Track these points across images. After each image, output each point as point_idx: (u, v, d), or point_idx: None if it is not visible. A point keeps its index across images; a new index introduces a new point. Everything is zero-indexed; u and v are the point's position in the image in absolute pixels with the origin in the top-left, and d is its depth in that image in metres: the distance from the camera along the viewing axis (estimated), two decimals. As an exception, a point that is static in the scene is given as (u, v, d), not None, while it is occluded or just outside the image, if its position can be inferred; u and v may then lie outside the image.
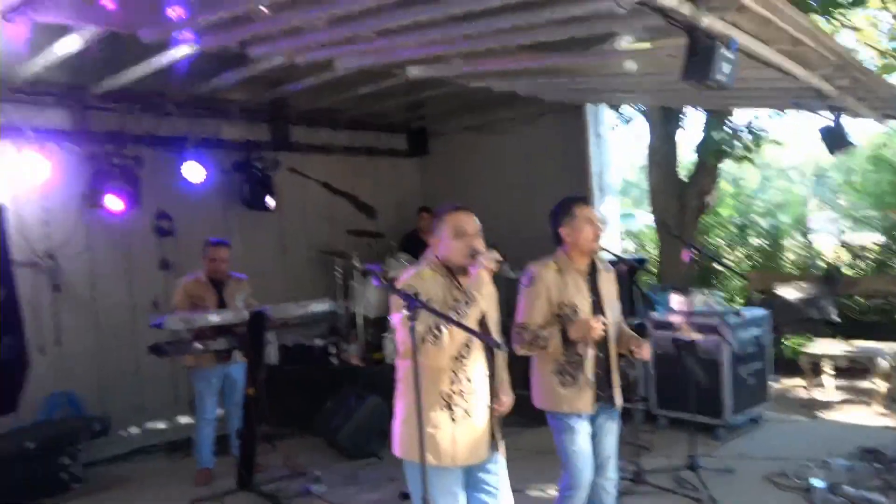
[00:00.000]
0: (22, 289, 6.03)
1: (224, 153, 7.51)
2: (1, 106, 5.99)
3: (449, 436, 2.82)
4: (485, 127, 8.73)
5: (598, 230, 3.49)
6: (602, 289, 3.53)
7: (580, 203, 3.56)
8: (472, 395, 2.86)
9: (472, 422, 2.85)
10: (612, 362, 3.52)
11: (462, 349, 2.83)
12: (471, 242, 2.89)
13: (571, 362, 3.40)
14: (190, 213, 7.16)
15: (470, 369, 2.86)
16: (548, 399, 3.49)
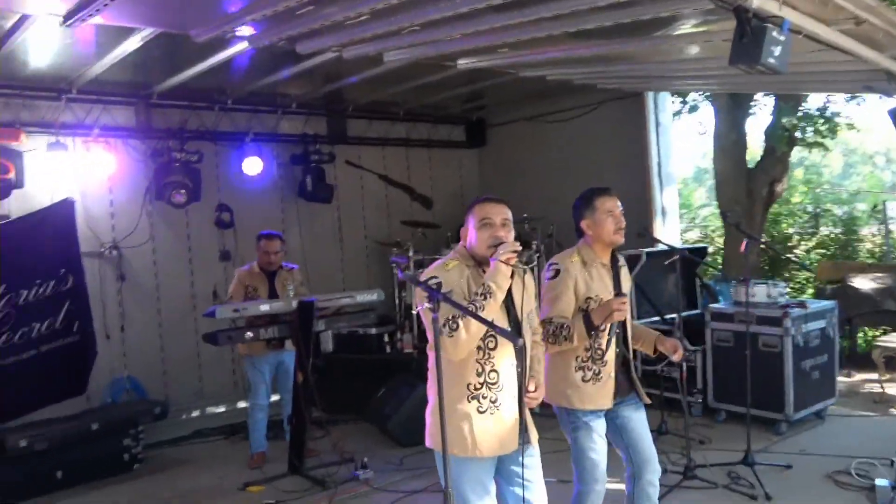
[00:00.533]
0: (89, 278, 6.34)
1: (282, 147, 7.68)
2: (70, 105, 6.31)
3: (476, 428, 2.78)
4: (543, 117, 8.63)
5: (620, 222, 3.37)
6: (623, 282, 3.43)
7: (602, 194, 3.44)
8: (500, 387, 2.79)
9: (501, 414, 2.80)
10: (632, 355, 3.44)
11: (488, 341, 2.77)
12: (496, 233, 2.79)
13: (593, 357, 3.31)
14: (249, 206, 7.36)
15: (497, 361, 2.78)
16: (566, 395, 3.33)
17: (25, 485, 5.26)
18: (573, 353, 3.29)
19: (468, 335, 2.64)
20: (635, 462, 3.45)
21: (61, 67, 5.77)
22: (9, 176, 5.70)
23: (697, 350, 6.22)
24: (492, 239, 2.78)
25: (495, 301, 2.66)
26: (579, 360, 3.29)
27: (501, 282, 2.67)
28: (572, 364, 3.30)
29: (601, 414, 3.34)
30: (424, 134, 8.97)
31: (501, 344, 2.77)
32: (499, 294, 2.67)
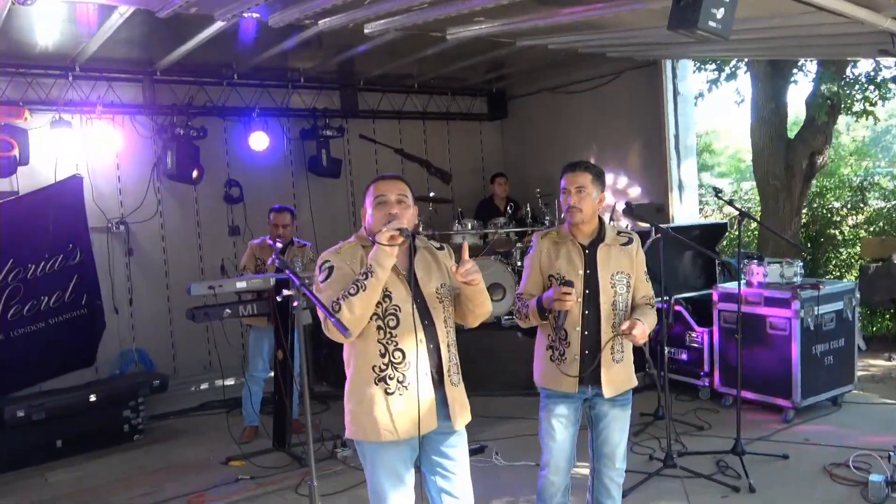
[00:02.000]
0: (97, 253, 6.50)
1: (292, 121, 7.67)
2: (76, 82, 6.43)
3: (385, 410, 2.68)
4: (565, 87, 8.37)
5: (572, 200, 3.15)
6: (601, 263, 3.19)
7: (565, 171, 3.24)
8: (407, 365, 2.67)
9: (411, 394, 2.67)
10: (603, 342, 3.16)
11: (388, 319, 2.67)
12: (390, 210, 2.70)
13: (560, 338, 3.17)
14: (259, 181, 7.39)
15: (402, 339, 2.67)
16: (539, 374, 3.28)
17: (25, 453, 5.46)
18: (545, 331, 3.23)
19: (353, 316, 2.57)
20: (596, 458, 3.31)
21: (63, 45, 5.87)
22: (13, 153, 5.84)
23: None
24: (386, 217, 2.68)
25: (377, 280, 2.57)
26: (549, 339, 3.21)
27: (383, 260, 2.58)
28: (545, 342, 3.24)
29: (568, 399, 3.19)
30: (443, 106, 8.80)
31: (404, 321, 2.66)
32: (380, 273, 2.57)
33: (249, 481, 4.84)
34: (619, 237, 3.28)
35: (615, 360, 3.17)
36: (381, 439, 2.69)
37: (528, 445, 5.18)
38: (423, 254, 2.83)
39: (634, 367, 3.33)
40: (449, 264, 2.86)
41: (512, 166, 9.13)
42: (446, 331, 2.78)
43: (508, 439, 5.39)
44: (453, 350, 2.81)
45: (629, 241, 3.28)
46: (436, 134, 8.80)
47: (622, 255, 3.22)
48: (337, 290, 2.61)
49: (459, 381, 2.84)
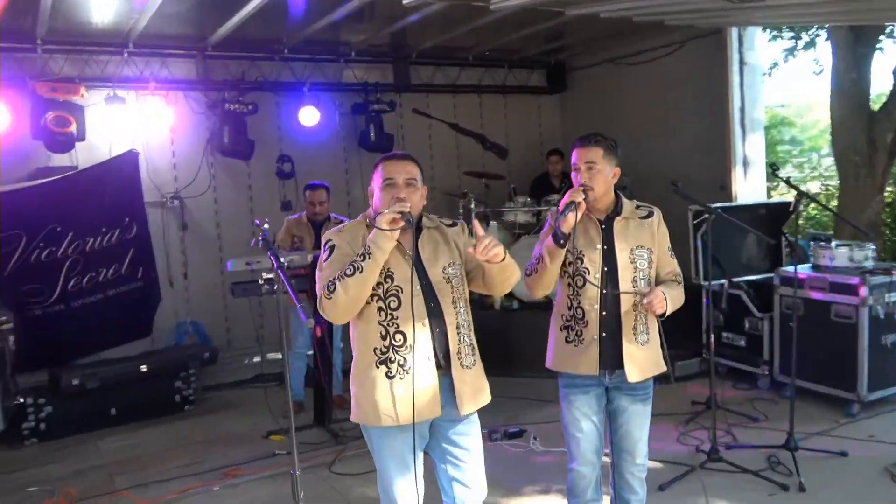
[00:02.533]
0: (153, 227, 6.65)
1: (344, 96, 7.61)
2: (130, 59, 6.54)
3: (386, 394, 2.59)
4: (625, 59, 8.02)
5: (583, 178, 2.96)
6: (619, 237, 3.00)
7: (575, 146, 3.06)
8: (408, 348, 2.58)
9: (413, 378, 2.57)
10: (623, 321, 2.98)
11: (389, 301, 2.58)
12: (398, 194, 2.58)
13: (576, 317, 2.99)
14: (310, 156, 7.38)
15: (403, 322, 2.58)
16: (554, 357, 3.11)
17: (81, 419, 5.67)
18: (559, 311, 3.06)
19: (347, 297, 2.49)
20: (616, 453, 3.14)
21: (116, 22, 5.96)
22: (70, 129, 5.99)
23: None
24: (393, 200, 2.56)
25: (374, 263, 2.49)
26: (564, 319, 3.03)
27: (382, 243, 2.49)
28: (559, 323, 3.06)
29: (589, 386, 3.01)
30: (499, 80, 8.58)
31: (406, 303, 2.57)
32: (378, 255, 2.49)
33: (285, 456, 4.87)
34: (638, 210, 3.08)
35: (639, 342, 2.97)
36: (381, 424, 2.61)
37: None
38: (430, 233, 2.72)
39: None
40: (461, 241, 2.74)
41: (571, 141, 8.83)
42: (455, 312, 2.66)
43: (549, 424, 5.22)
44: (465, 331, 2.68)
45: (649, 215, 3.08)
46: (492, 108, 8.60)
47: (642, 228, 3.03)
48: (335, 269, 2.54)
49: (474, 363, 2.72)
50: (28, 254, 6.14)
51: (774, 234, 6.57)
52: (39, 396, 5.58)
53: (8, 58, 6.10)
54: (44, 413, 5.55)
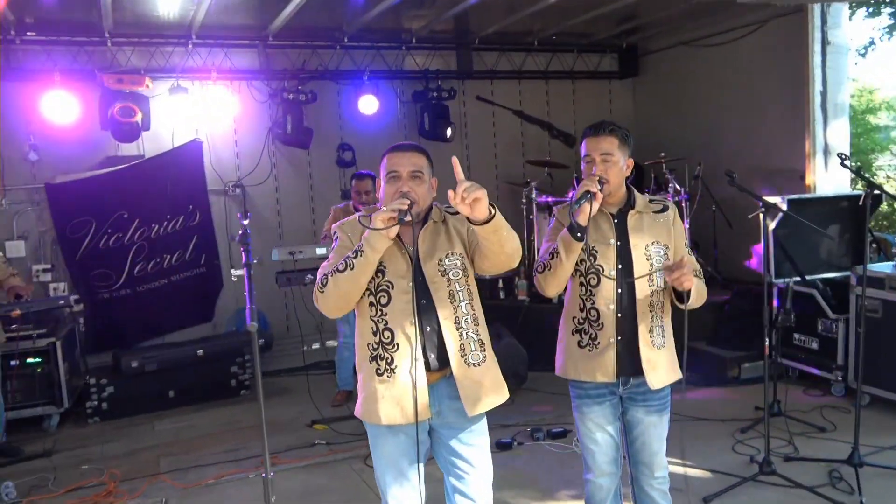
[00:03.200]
0: (215, 215, 6.80)
1: (406, 84, 7.54)
2: (194, 50, 6.68)
3: (373, 391, 2.49)
4: (702, 40, 7.59)
5: (598, 170, 2.72)
6: (633, 232, 2.78)
7: (586, 136, 2.83)
8: (395, 346, 2.47)
9: (398, 378, 2.46)
10: (640, 323, 2.75)
11: (380, 296, 2.48)
12: (402, 187, 2.45)
13: (590, 319, 2.78)
14: (371, 145, 7.32)
15: (391, 318, 2.47)
16: (566, 363, 2.86)
17: (140, 400, 5.86)
18: (570, 314, 2.83)
19: (337, 293, 2.42)
20: (633, 465, 2.93)
21: (180, 13, 6.08)
22: (135, 119, 6.18)
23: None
24: (397, 194, 2.44)
25: (366, 261, 2.39)
26: (576, 322, 2.81)
27: (375, 242, 2.37)
28: (570, 326, 2.83)
29: (603, 395, 2.81)
30: (567, 65, 8.30)
31: (396, 299, 2.47)
32: (370, 254, 2.38)
33: (324, 446, 4.89)
34: (652, 204, 2.86)
35: (655, 345, 2.75)
36: (371, 421, 2.53)
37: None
38: (434, 227, 2.57)
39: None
40: (464, 228, 2.57)
41: (644, 128, 8.49)
42: (454, 306, 2.51)
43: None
44: (469, 325, 2.52)
45: (664, 209, 2.85)
46: (559, 94, 8.34)
47: (657, 223, 2.81)
48: (334, 263, 2.47)
49: (484, 359, 2.54)
50: (97, 240, 6.41)
51: (858, 229, 6.10)
52: (102, 377, 5.81)
53: (80, 51, 6.36)
54: (106, 393, 5.78)
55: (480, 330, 2.57)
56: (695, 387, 5.94)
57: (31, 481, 4.53)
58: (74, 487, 4.40)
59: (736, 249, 7.08)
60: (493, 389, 2.56)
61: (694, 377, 6.12)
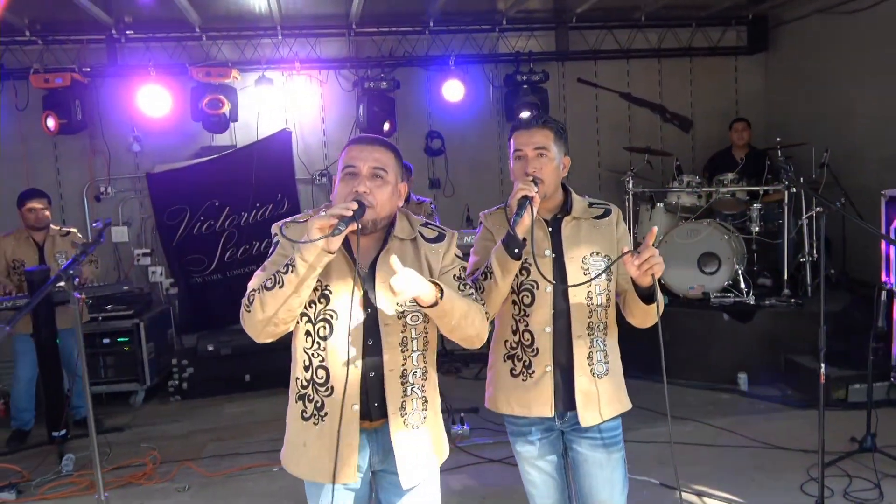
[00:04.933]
0: (302, 204, 6.91)
1: (500, 68, 7.21)
2: (283, 40, 6.79)
3: (297, 436, 2.13)
4: (839, 7, 6.57)
5: (530, 168, 2.28)
6: (569, 242, 2.35)
7: (519, 128, 2.40)
8: (328, 391, 2.06)
9: (326, 426, 2.06)
10: (575, 348, 2.31)
11: (319, 327, 2.06)
12: (357, 186, 2.01)
13: (524, 344, 2.35)
14: (461, 132, 7.15)
15: (329, 357, 2.06)
16: (496, 395, 2.44)
17: (217, 382, 6.09)
18: (502, 337, 2.42)
19: (263, 315, 2.00)
20: None
21: (267, 5, 6.20)
22: (222, 111, 6.38)
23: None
24: (351, 195, 2.01)
25: (297, 277, 1.93)
26: (507, 346, 2.41)
27: (307, 255, 1.90)
28: (501, 352, 2.43)
29: (541, 431, 2.39)
30: (683, 40, 7.53)
31: (338, 333, 2.03)
32: (301, 269, 1.91)
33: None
34: (592, 209, 2.43)
35: (595, 374, 2.34)
36: (295, 472, 2.16)
37: (695, 456, 4.32)
38: (401, 247, 2.12)
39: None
40: (439, 262, 2.15)
41: (777, 111, 7.56)
42: (404, 356, 2.09)
43: (653, 444, 4.50)
44: (416, 381, 2.12)
45: (605, 213, 2.43)
46: (674, 73, 7.60)
47: (596, 231, 2.39)
48: (268, 274, 2.04)
49: (425, 419, 2.15)
50: (191, 227, 6.73)
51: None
52: (184, 358, 6.09)
53: (176, 47, 6.67)
54: (186, 374, 6.06)
55: (428, 386, 2.17)
56: (789, 407, 5.20)
57: (91, 455, 4.82)
58: (119, 466, 4.61)
59: (872, 248, 6.09)
60: (429, 455, 2.18)
61: (793, 396, 5.37)
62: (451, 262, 2.20)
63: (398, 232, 2.13)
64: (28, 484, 4.38)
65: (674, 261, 6.10)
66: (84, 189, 6.68)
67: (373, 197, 2.02)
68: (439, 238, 2.20)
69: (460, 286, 2.24)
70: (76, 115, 6.22)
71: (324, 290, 2.05)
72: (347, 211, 1.89)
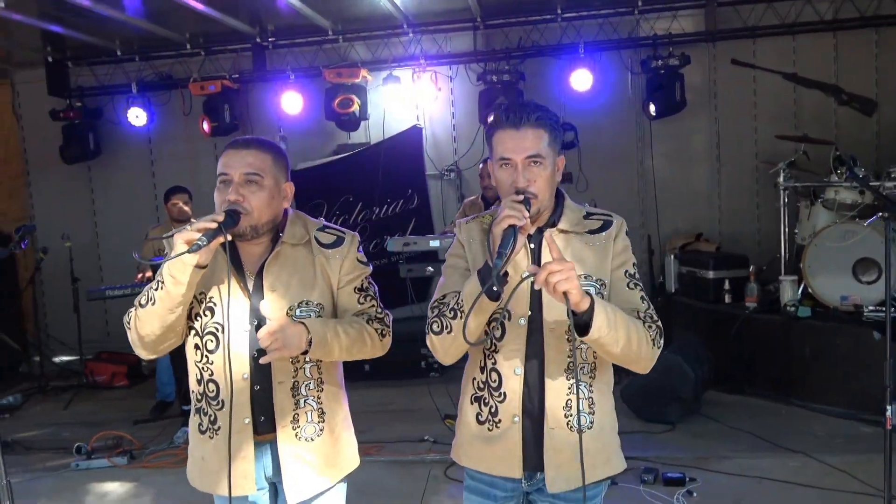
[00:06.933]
0: (431, 199, 6.99)
1: (641, 52, 6.68)
2: (413, 38, 6.88)
3: (197, 452, 2.12)
4: None
5: (521, 181, 1.86)
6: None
7: (501, 125, 1.91)
8: (219, 404, 2.03)
9: (219, 441, 2.03)
10: (548, 393, 1.92)
11: (206, 339, 2.03)
12: (229, 196, 1.96)
13: (490, 386, 1.97)
14: (596, 124, 6.78)
15: (217, 371, 2.02)
16: (458, 443, 2.09)
17: (343, 369, 6.36)
18: (470, 374, 2.05)
19: (137, 332, 2.00)
20: None
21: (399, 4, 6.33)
22: (352, 109, 6.64)
23: None
24: (224, 203, 1.97)
25: (168, 296, 1.91)
26: (475, 385, 2.02)
27: (175, 271, 1.88)
28: (468, 392, 2.05)
29: (498, 498, 2.02)
30: (865, 8, 6.41)
31: (223, 347, 2.00)
32: (171, 286, 1.89)
33: (429, 444, 4.75)
34: (588, 221, 2.00)
35: (571, 426, 1.92)
36: (198, 487, 2.17)
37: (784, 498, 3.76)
38: (292, 253, 2.07)
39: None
40: (336, 269, 2.09)
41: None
42: (294, 368, 2.03)
43: (769, 482, 3.92)
44: (309, 392, 2.06)
45: (604, 226, 1.99)
46: (854, 49, 6.52)
47: (589, 248, 1.96)
48: (143, 292, 2.01)
49: (320, 432, 2.09)
50: (328, 221, 7.09)
51: None
52: (310, 345, 6.46)
53: (318, 50, 7.06)
54: (308, 360, 6.42)
55: (325, 397, 2.11)
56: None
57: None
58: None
59: None
60: (324, 470, 2.10)
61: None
62: (350, 269, 2.13)
63: (287, 237, 2.07)
64: (141, 452, 4.92)
65: (824, 267, 5.32)
66: (238, 185, 7.33)
67: (248, 203, 1.97)
68: (337, 242, 2.13)
69: (360, 299, 2.16)
70: (225, 118, 6.83)
71: (208, 303, 2.03)
72: (213, 223, 1.87)
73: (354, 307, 2.14)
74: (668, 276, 6.47)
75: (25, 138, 7.57)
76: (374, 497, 4.02)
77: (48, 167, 7.44)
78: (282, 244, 2.06)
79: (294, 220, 2.12)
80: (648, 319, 1.92)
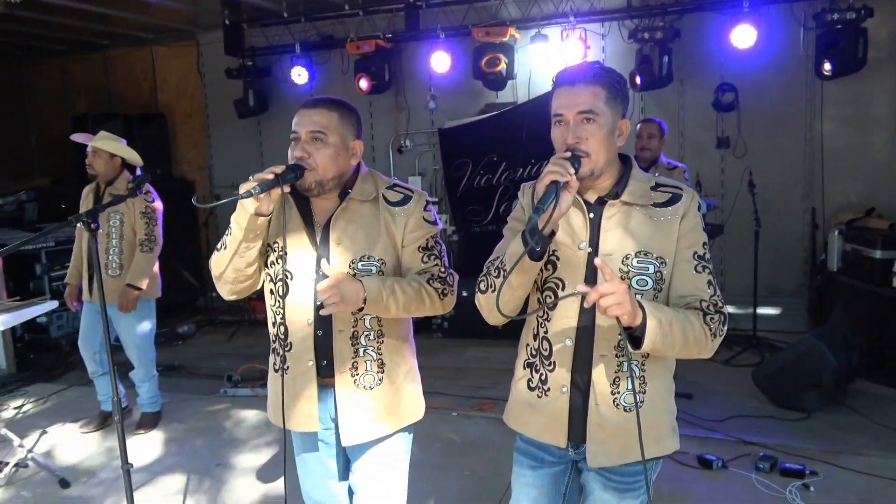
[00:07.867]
0: (575, 161, 6.82)
1: (812, 5, 6.04)
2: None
3: (272, 389, 2.31)
4: None
5: (567, 135, 1.82)
6: (608, 234, 1.85)
7: (561, 84, 1.86)
8: (289, 346, 2.19)
9: (288, 378, 2.21)
10: (594, 369, 1.87)
11: (279, 285, 2.17)
12: (296, 153, 2.09)
13: (542, 353, 1.94)
14: (760, 85, 6.28)
15: (289, 311, 2.17)
16: (511, 405, 2.09)
17: (469, 327, 6.48)
18: (525, 339, 2.03)
19: (216, 273, 2.19)
20: None
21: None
22: (499, 69, 6.61)
23: None
24: (292, 159, 2.09)
25: (234, 240, 2.09)
26: (528, 351, 2.00)
27: (238, 216, 2.06)
28: (522, 357, 2.04)
29: (547, 459, 2.01)
30: None
31: (294, 292, 2.14)
32: (236, 231, 2.07)
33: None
34: (656, 193, 1.88)
35: (619, 405, 1.88)
36: (273, 421, 2.32)
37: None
38: (358, 209, 2.17)
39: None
40: (401, 226, 2.15)
41: None
42: (354, 318, 2.13)
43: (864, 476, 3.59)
44: (369, 342, 2.16)
45: (672, 199, 1.87)
46: None
47: (653, 223, 1.85)
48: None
49: (380, 382, 2.18)
50: (472, 180, 7.19)
51: None
52: (449, 300, 6.66)
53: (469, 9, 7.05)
54: (447, 315, 6.59)
55: (385, 348, 2.19)
56: None
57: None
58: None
59: None
60: (382, 417, 2.20)
61: None
62: (415, 227, 2.20)
63: (355, 193, 2.18)
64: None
65: None
66: (389, 142, 7.58)
67: (313, 160, 2.09)
68: (404, 201, 2.20)
69: (424, 258, 2.22)
70: (384, 77, 7.06)
71: (280, 252, 2.17)
72: (270, 175, 2.00)
73: (418, 266, 2.19)
74: (831, 253, 5.90)
75: (207, 94, 8.28)
76: (481, 449, 4.14)
77: (224, 121, 8.11)
78: (350, 200, 2.16)
79: (365, 178, 2.21)
80: (712, 308, 1.83)
